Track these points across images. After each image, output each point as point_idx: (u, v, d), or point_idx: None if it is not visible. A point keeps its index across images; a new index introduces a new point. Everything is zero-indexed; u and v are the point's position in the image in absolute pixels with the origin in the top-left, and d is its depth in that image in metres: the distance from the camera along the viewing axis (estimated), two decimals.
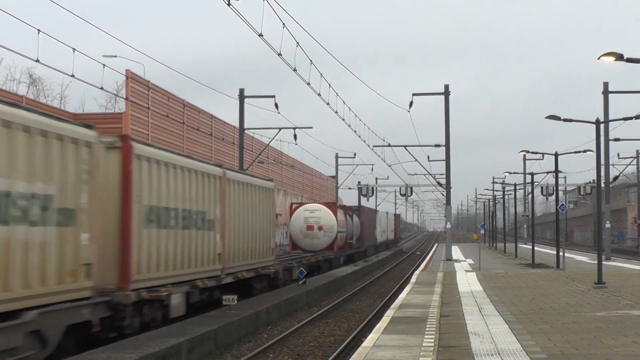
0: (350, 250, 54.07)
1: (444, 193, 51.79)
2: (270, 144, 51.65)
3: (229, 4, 21.23)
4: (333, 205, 49.47)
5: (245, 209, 26.69)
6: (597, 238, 29.98)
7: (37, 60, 24.30)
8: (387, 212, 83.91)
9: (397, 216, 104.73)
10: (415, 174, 78.92)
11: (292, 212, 48.90)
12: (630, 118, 31.72)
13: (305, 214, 47.63)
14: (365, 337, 15.93)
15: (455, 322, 17.08)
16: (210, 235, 22.61)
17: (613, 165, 60.62)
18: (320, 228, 47.13)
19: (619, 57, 21.62)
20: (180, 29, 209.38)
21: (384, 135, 61.26)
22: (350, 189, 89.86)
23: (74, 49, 25.05)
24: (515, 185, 64.94)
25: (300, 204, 49.69)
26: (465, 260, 48.64)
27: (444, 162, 49.88)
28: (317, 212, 47.55)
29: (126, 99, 41.48)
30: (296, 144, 47.93)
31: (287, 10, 25.04)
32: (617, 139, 49.71)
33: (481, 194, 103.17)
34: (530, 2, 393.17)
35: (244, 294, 26.27)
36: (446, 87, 48.55)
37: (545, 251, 63.05)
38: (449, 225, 51.01)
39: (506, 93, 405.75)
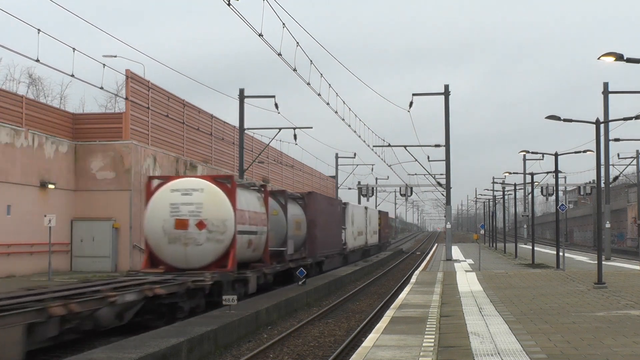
0: (280, 265, 32.01)
1: (444, 193, 51.81)
2: (270, 144, 51.67)
3: (229, 4, 21.24)
4: (227, 182, 26.45)
5: None
6: (597, 238, 29.99)
7: (37, 60, 24.33)
8: (365, 207, 64.64)
9: (383, 214, 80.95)
10: (415, 174, 79.16)
11: (150, 193, 26.29)
12: (630, 118, 31.73)
13: (174, 197, 25.49)
14: (365, 337, 15.93)
15: (455, 322, 17.08)
16: None
17: (613, 165, 60.74)
18: (200, 225, 25.25)
19: (619, 57, 21.61)
20: (180, 29, 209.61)
21: (384, 135, 61.53)
22: (350, 189, 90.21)
23: (74, 48, 25.09)
24: (515, 185, 65.00)
25: (167, 179, 26.83)
26: (465, 260, 48.64)
27: (444, 162, 49.91)
28: (195, 194, 25.49)
29: (126, 98, 41.51)
30: (296, 144, 47.98)
31: (287, 10, 25.10)
32: (617, 139, 49.73)
33: (481, 194, 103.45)
34: (533, 4, 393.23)
35: None
36: (446, 87, 48.58)
37: (545, 251, 63.05)
38: (449, 225, 51.02)
39: (509, 94, 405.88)
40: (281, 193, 34.84)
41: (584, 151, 41.93)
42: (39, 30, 23.83)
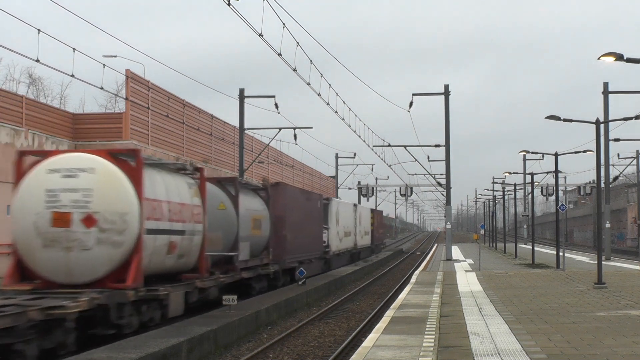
0: (227, 275, 24.35)
1: (444, 193, 51.81)
2: (270, 144, 51.67)
3: (229, 4, 21.24)
4: (131, 158, 18.82)
5: None
6: (597, 238, 29.99)
7: (37, 60, 24.32)
8: (355, 205, 56.55)
9: (377, 212, 73.13)
10: (415, 174, 79.16)
11: (20, 173, 18.92)
12: (630, 118, 31.74)
13: (52, 180, 18.15)
14: (365, 337, 15.94)
15: (455, 322, 17.08)
16: None
17: (613, 165, 60.73)
18: (89, 220, 17.83)
19: (619, 57, 21.60)
20: (180, 29, 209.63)
21: (385, 135, 61.36)
22: (350, 189, 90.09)
23: (74, 48, 25.07)
24: (515, 185, 65.00)
25: (45, 155, 19.34)
26: (465, 260, 48.64)
27: (444, 162, 49.92)
28: (82, 176, 18.13)
29: (126, 99, 41.50)
30: (296, 144, 47.95)
31: (287, 10, 25.09)
32: (617, 139, 49.74)
33: (481, 194, 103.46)
34: (534, 4, 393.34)
35: None
36: (446, 87, 48.58)
37: (545, 251, 63.04)
38: (449, 225, 51.02)
39: (509, 95, 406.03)
40: (231, 181, 26.61)
41: (584, 151, 41.93)
42: (39, 30, 23.81)
